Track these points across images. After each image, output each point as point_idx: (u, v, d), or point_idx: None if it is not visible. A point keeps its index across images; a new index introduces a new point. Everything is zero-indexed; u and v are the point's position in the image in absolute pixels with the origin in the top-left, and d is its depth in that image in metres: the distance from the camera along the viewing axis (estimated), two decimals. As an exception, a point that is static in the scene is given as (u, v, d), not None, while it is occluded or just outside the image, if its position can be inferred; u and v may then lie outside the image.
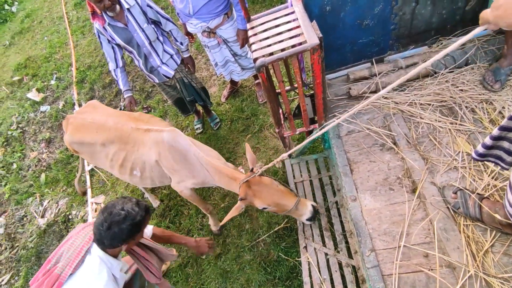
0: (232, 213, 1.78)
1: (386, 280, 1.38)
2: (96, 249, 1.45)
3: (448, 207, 1.48)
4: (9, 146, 4.37)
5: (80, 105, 4.37)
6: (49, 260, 1.47)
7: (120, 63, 2.56)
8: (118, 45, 2.48)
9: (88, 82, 4.57)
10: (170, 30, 2.56)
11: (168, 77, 2.72)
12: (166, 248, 1.87)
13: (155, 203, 3.06)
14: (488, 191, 1.49)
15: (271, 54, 1.70)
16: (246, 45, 2.83)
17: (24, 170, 4.02)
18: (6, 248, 3.43)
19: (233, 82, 3.46)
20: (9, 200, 3.78)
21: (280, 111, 2.18)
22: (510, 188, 1.16)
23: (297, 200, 1.81)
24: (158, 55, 2.56)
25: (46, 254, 3.24)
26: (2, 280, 3.18)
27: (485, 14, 0.88)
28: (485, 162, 1.31)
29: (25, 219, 3.63)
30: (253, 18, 1.86)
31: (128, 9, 2.24)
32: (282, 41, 1.64)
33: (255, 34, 1.75)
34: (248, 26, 1.82)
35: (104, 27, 2.32)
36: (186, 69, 2.82)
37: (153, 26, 2.44)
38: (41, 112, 4.65)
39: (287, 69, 2.16)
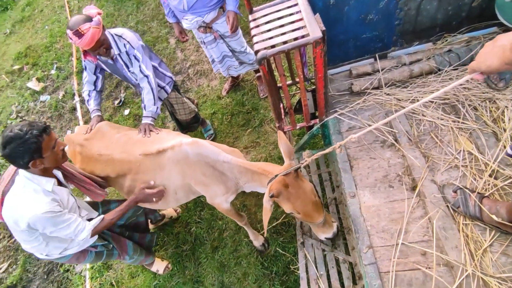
0: (267, 217, 1.57)
1: (383, 277, 1.38)
2: (22, 171, 1.67)
3: (447, 206, 1.47)
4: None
5: (80, 96, 4.35)
6: None
7: (99, 87, 2.43)
8: (102, 70, 2.39)
9: (89, 73, 4.53)
10: (141, 87, 2.27)
11: None
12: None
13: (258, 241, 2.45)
14: (489, 190, 1.48)
15: (273, 46, 1.67)
16: (245, 42, 2.78)
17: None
18: (4, 237, 3.44)
19: (234, 76, 3.43)
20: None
21: (281, 105, 2.17)
22: None
23: (324, 217, 1.62)
24: None
25: (44, 244, 3.25)
26: (0, 269, 3.20)
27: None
28: None
29: (23, 208, 3.63)
30: (255, 9, 1.83)
31: (118, 54, 2.20)
32: (284, 33, 1.61)
33: (257, 26, 1.73)
34: (250, 17, 1.80)
35: (96, 63, 2.29)
36: (172, 100, 2.66)
37: None
38: (41, 101, 4.62)
39: (289, 63, 2.13)
